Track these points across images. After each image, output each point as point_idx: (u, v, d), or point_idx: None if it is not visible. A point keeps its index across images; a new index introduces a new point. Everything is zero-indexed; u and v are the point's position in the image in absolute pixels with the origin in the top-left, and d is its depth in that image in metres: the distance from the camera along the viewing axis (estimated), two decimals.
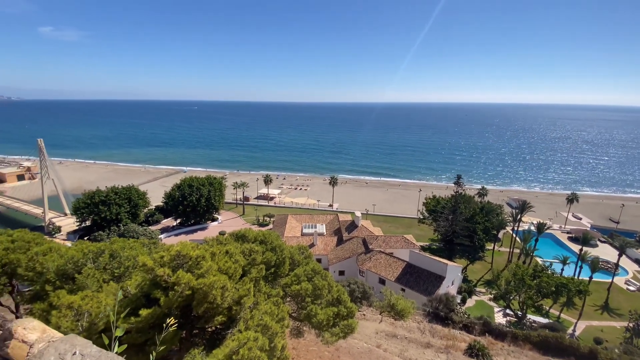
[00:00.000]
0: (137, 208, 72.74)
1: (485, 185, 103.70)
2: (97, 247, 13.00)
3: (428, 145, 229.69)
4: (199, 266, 10.66)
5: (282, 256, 18.64)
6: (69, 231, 74.99)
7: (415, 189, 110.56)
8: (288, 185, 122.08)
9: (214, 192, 79.93)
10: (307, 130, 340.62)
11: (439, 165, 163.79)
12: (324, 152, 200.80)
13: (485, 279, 61.00)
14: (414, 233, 69.33)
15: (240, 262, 13.14)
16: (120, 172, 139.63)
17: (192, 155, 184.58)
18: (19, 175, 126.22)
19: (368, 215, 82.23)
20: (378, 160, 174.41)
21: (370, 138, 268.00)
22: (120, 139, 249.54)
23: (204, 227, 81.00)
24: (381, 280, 46.97)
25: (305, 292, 17.24)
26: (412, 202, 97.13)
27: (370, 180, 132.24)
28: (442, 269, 44.97)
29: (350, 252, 51.86)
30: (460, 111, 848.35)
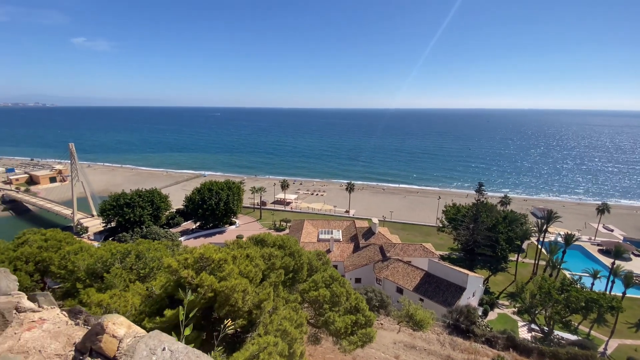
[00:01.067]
0: (159, 211, 75.04)
1: (508, 193, 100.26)
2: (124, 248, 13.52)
3: (448, 152, 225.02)
4: (221, 269, 10.85)
5: (300, 261, 18.68)
6: (95, 232, 78.23)
7: (434, 197, 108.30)
8: (304, 191, 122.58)
9: (232, 197, 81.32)
10: (323, 136, 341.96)
11: (459, 173, 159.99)
12: (340, 158, 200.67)
13: (509, 291, 58.63)
14: (432, 241, 67.75)
15: (260, 266, 13.28)
16: (144, 176, 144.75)
17: (212, 160, 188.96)
18: (51, 178, 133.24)
19: (385, 223, 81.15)
20: (396, 167, 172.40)
21: (388, 144, 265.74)
22: (144, 144, 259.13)
23: (222, 230, 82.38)
24: (399, 289, 46.06)
25: (323, 299, 17.16)
26: (431, 210, 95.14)
27: (388, 186, 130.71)
28: (463, 280, 43.63)
29: (367, 259, 51.27)
30: (482, 117, 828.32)
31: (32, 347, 2.57)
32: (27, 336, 2.65)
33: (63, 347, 2.65)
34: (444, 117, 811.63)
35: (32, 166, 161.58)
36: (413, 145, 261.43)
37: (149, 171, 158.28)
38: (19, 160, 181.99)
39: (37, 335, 2.70)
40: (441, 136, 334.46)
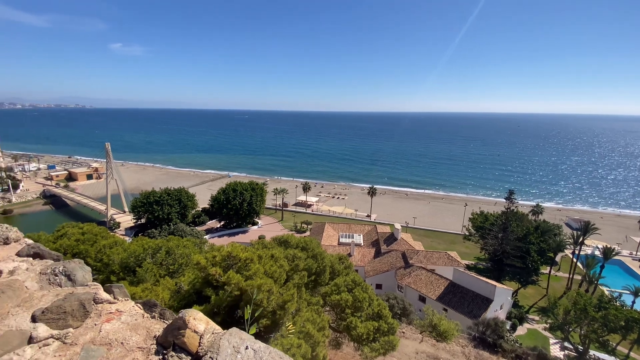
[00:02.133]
0: (186, 209, 77.69)
1: (541, 202, 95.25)
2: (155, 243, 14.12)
3: (475, 157, 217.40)
4: (248, 268, 11.01)
5: (322, 264, 18.62)
6: (126, 227, 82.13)
7: (460, 203, 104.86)
8: (326, 194, 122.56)
9: (255, 197, 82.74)
10: (345, 139, 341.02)
11: (487, 180, 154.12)
12: (362, 162, 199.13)
13: (540, 305, 55.58)
14: (458, 250, 65.52)
15: (284, 267, 13.36)
16: (172, 175, 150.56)
17: (237, 161, 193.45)
18: (88, 175, 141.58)
19: (408, 229, 79.49)
20: (420, 172, 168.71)
21: (411, 148, 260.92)
22: (173, 145, 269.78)
23: (245, 230, 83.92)
24: (421, 298, 44.85)
25: (345, 303, 16.98)
26: (456, 217, 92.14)
27: (411, 192, 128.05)
28: (490, 291, 41.85)
29: (388, 265, 50.36)
30: (512, 122, 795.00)
31: (114, 339, 2.59)
32: (107, 328, 2.68)
33: (144, 340, 2.66)
34: (470, 121, 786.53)
35: (71, 164, 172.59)
36: (438, 150, 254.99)
37: (177, 171, 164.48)
38: (59, 157, 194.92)
39: (117, 327, 2.72)
40: (468, 141, 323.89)
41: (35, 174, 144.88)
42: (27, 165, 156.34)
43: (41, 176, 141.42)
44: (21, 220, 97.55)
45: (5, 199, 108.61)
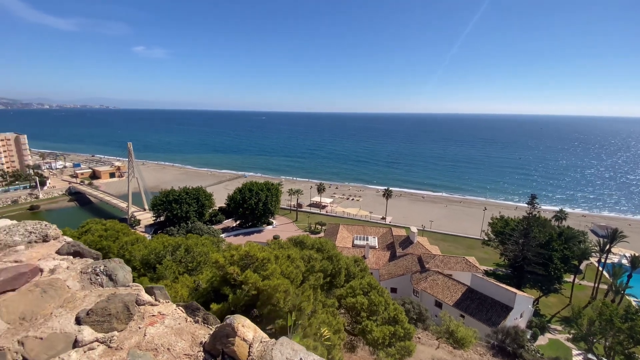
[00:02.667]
0: (203, 208, 79.24)
1: (564, 207, 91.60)
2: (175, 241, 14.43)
3: (495, 160, 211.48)
4: (265, 268, 11.06)
5: (338, 266, 18.49)
6: (146, 224, 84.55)
7: (479, 207, 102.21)
8: (340, 195, 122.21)
9: (271, 197, 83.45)
10: (360, 140, 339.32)
11: (507, 183, 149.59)
12: (378, 163, 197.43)
13: (562, 315, 53.38)
14: (476, 255, 63.80)
15: (300, 268, 13.33)
16: (190, 175, 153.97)
17: (253, 162, 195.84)
18: (110, 173, 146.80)
19: (424, 232, 78.10)
20: (437, 174, 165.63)
21: (429, 150, 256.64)
22: (191, 145, 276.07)
23: (260, 230, 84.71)
24: (437, 303, 43.92)
25: (361, 306, 16.79)
26: (475, 221, 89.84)
27: (428, 194, 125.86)
28: (510, 298, 40.52)
29: (404, 269, 49.60)
30: (534, 124, 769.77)
31: (160, 344, 2.47)
32: (152, 332, 2.57)
33: (190, 346, 2.54)
34: (490, 123, 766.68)
35: (95, 162, 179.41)
36: (456, 152, 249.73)
37: (195, 170, 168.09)
38: (84, 156, 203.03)
39: (161, 331, 2.61)
40: (487, 143, 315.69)
41: (61, 172, 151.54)
42: (54, 164, 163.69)
43: (67, 174, 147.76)
44: (47, 216, 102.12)
45: (33, 195, 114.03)
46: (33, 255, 3.27)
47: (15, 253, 3.28)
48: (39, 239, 3.63)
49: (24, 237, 3.56)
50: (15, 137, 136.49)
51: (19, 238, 3.52)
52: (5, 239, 3.46)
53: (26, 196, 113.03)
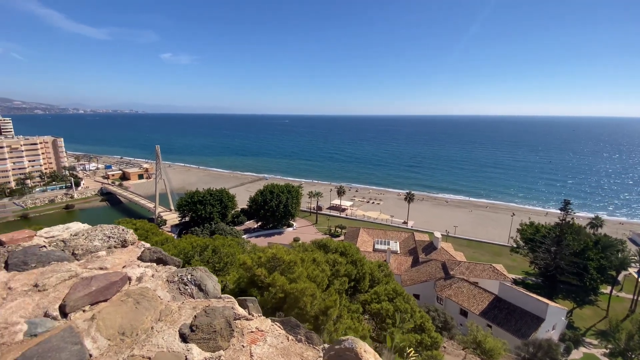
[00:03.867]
0: (226, 209, 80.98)
1: (600, 214, 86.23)
2: (203, 242, 14.75)
3: (524, 164, 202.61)
4: (291, 271, 11.03)
5: (362, 271, 18.22)
6: (172, 224, 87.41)
7: (506, 213, 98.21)
8: (360, 198, 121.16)
9: (291, 200, 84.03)
10: (381, 143, 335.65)
11: (536, 188, 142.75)
12: (399, 166, 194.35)
13: (598, 328, 50.14)
14: (503, 263, 61.14)
15: (326, 272, 13.21)
16: (214, 176, 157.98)
17: (273, 164, 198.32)
18: (139, 175, 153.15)
19: (448, 238, 75.89)
20: (462, 178, 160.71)
21: (453, 153, 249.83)
22: (215, 148, 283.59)
23: (280, 231, 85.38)
24: (462, 312, 42.39)
25: (386, 313, 16.41)
26: (502, 227, 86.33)
27: (452, 198, 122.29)
28: (541, 309, 38.46)
29: (427, 275, 48.32)
30: (565, 126, 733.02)
31: None
32: (258, 352, 2.32)
33: None
34: (516, 125, 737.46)
35: (125, 164, 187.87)
36: (482, 155, 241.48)
37: (218, 172, 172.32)
38: (115, 158, 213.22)
39: (267, 351, 2.36)
40: (515, 146, 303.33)
41: (94, 173, 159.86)
42: (88, 165, 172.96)
43: (99, 175, 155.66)
44: (81, 215, 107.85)
45: (68, 195, 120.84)
46: (116, 262, 3.13)
47: (98, 259, 3.13)
48: (117, 244, 3.51)
49: (104, 242, 3.45)
50: (53, 140, 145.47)
51: (99, 243, 3.40)
52: (86, 244, 3.32)
53: (62, 196, 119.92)
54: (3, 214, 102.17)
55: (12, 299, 2.29)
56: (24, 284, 2.47)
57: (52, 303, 2.30)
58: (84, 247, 3.22)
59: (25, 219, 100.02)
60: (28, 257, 2.78)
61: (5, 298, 2.31)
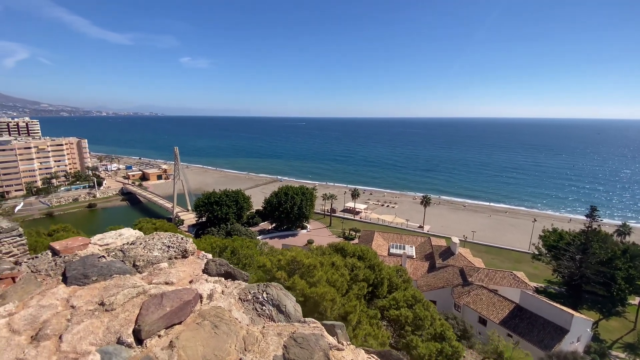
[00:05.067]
0: (241, 210, 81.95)
1: (628, 221, 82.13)
2: (222, 242, 14.86)
3: (545, 169, 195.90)
4: (311, 274, 10.89)
5: (380, 276, 17.87)
6: (189, 224, 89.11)
7: (527, 218, 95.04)
8: (375, 201, 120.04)
9: (305, 202, 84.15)
10: (397, 145, 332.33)
11: (559, 193, 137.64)
12: (415, 169, 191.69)
13: (625, 341, 47.68)
14: (524, 270, 59.05)
15: (345, 277, 13.00)
16: (230, 178, 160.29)
17: (288, 166, 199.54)
18: (158, 175, 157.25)
19: (466, 243, 74.03)
20: (480, 182, 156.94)
21: (471, 157, 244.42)
22: (231, 150, 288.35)
23: (295, 233, 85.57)
24: (481, 320, 41.09)
25: (405, 320, 16.02)
26: (522, 233, 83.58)
27: (469, 203, 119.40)
28: (566, 320, 36.79)
29: (444, 281, 47.19)
30: (589, 129, 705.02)
31: None
32: None
33: None
34: (538, 128, 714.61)
35: (144, 165, 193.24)
36: (502, 159, 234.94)
37: (234, 174, 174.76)
38: (135, 159, 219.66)
39: None
40: (536, 150, 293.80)
41: (115, 174, 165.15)
42: (109, 166, 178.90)
43: (120, 175, 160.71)
44: (103, 214, 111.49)
45: (91, 194, 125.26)
46: (181, 276, 2.84)
47: (162, 272, 2.87)
48: (178, 254, 3.26)
49: (163, 252, 3.20)
50: (78, 141, 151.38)
51: (159, 253, 3.15)
52: (145, 254, 3.07)
53: (85, 195, 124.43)
54: (30, 212, 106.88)
55: (79, 321, 2.03)
56: (87, 301, 2.23)
57: (124, 326, 2.04)
58: (145, 258, 3.01)
59: (51, 217, 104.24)
60: (88, 269, 2.56)
61: (70, 320, 2.05)
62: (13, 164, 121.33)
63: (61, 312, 2.12)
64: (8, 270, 2.69)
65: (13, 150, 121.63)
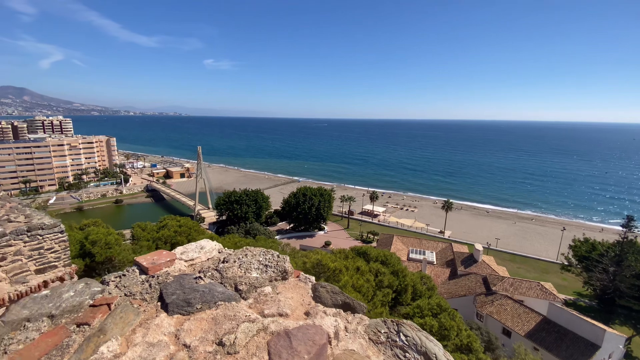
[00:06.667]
0: (260, 209, 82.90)
1: None
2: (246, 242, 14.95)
3: (575, 175, 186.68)
4: (337, 279, 10.72)
5: (404, 282, 17.45)
6: (209, 222, 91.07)
7: (555, 226, 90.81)
8: (394, 204, 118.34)
9: (323, 203, 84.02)
10: (417, 148, 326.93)
11: (590, 201, 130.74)
12: (436, 173, 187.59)
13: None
14: (552, 281, 56.34)
15: (371, 282, 12.74)
16: (249, 177, 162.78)
17: (306, 167, 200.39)
18: (181, 174, 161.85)
19: (489, 250, 71.53)
20: (505, 188, 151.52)
21: (495, 161, 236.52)
22: (251, 150, 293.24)
23: (312, 234, 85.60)
24: (505, 331, 39.45)
25: (430, 329, 15.54)
26: (549, 242, 79.89)
27: (493, 209, 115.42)
28: (597, 335, 34.73)
29: (466, 289, 45.70)
30: (624, 133, 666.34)
31: None
32: None
33: None
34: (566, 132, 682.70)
35: (168, 163, 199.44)
36: (528, 164, 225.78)
37: (254, 174, 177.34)
38: (159, 157, 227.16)
39: None
40: (565, 155, 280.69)
41: (141, 171, 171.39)
42: (136, 163, 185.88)
43: (145, 173, 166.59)
44: (129, 210, 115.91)
45: (117, 190, 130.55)
46: (292, 304, 2.40)
47: (270, 300, 2.45)
48: (277, 275, 2.85)
49: (262, 272, 2.81)
50: (107, 139, 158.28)
51: (257, 274, 2.77)
52: (244, 276, 2.68)
53: (112, 191, 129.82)
54: (61, 206, 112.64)
55: None
56: (201, 338, 1.89)
57: None
58: (246, 280, 2.64)
59: (80, 211, 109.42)
60: (188, 294, 2.25)
61: None
62: (47, 159, 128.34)
63: (175, 353, 1.80)
64: (100, 294, 2.38)
65: (47, 147, 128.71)
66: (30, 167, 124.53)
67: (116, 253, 18.95)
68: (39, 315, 2.07)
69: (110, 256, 18.74)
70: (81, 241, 19.57)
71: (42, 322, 2.04)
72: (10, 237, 4.67)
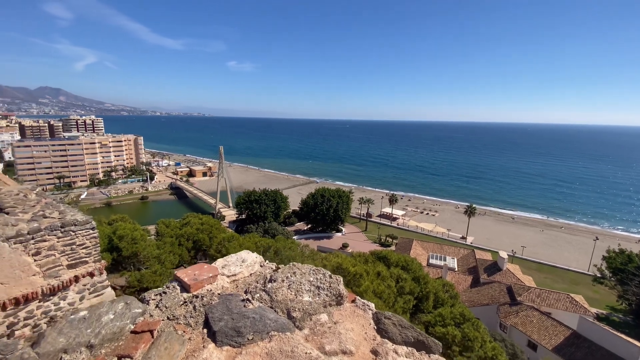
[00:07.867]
0: (279, 209, 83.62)
1: None
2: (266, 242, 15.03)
3: (611, 182, 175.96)
4: (358, 283, 10.48)
5: (425, 289, 16.92)
6: (229, 220, 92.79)
7: (587, 236, 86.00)
8: (413, 208, 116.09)
9: (341, 205, 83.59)
10: (439, 150, 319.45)
11: (626, 210, 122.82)
12: (458, 177, 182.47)
13: None
14: (583, 293, 53.22)
15: (392, 288, 12.40)
16: (268, 177, 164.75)
17: (325, 168, 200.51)
18: (203, 173, 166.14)
19: (514, 258, 68.64)
20: (532, 193, 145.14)
21: (523, 165, 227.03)
22: (271, 150, 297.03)
23: (329, 236, 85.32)
24: (531, 344, 37.58)
25: (452, 339, 14.96)
26: (580, 252, 75.72)
27: (519, 215, 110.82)
28: (632, 354, 32.42)
29: (489, 298, 43.98)
30: None
31: None
32: None
33: None
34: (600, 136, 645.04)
35: (191, 162, 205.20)
36: (558, 169, 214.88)
37: (273, 174, 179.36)
38: (182, 156, 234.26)
39: None
40: (599, 161, 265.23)
41: (165, 169, 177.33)
42: (161, 162, 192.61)
43: (169, 171, 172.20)
44: (154, 206, 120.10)
45: (144, 187, 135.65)
46: (355, 339, 2.08)
47: (329, 331, 2.13)
48: (332, 300, 2.55)
49: (314, 295, 2.51)
50: (135, 138, 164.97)
51: (309, 298, 2.47)
52: (296, 299, 2.38)
53: (139, 188, 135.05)
54: (92, 201, 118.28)
55: None
56: None
57: None
58: (298, 305, 2.36)
59: (109, 206, 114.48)
60: (237, 320, 2.02)
61: None
62: (80, 157, 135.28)
63: None
64: (140, 317, 2.17)
65: (80, 145, 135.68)
66: (64, 164, 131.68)
67: (141, 248, 19.54)
68: (77, 345, 1.91)
69: (136, 251, 19.35)
70: (109, 235, 20.33)
71: (81, 354, 1.87)
72: (45, 232, 4.79)
